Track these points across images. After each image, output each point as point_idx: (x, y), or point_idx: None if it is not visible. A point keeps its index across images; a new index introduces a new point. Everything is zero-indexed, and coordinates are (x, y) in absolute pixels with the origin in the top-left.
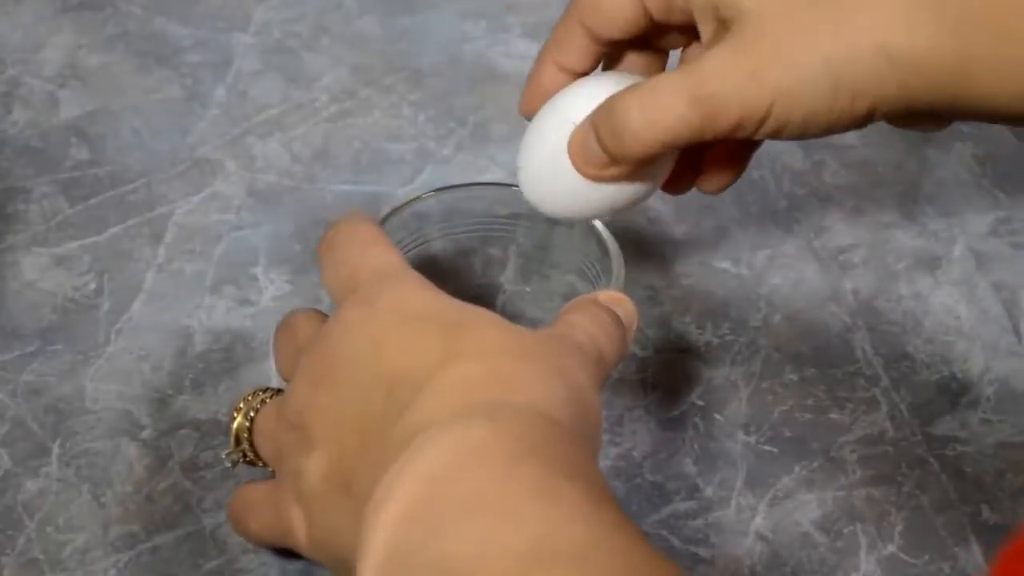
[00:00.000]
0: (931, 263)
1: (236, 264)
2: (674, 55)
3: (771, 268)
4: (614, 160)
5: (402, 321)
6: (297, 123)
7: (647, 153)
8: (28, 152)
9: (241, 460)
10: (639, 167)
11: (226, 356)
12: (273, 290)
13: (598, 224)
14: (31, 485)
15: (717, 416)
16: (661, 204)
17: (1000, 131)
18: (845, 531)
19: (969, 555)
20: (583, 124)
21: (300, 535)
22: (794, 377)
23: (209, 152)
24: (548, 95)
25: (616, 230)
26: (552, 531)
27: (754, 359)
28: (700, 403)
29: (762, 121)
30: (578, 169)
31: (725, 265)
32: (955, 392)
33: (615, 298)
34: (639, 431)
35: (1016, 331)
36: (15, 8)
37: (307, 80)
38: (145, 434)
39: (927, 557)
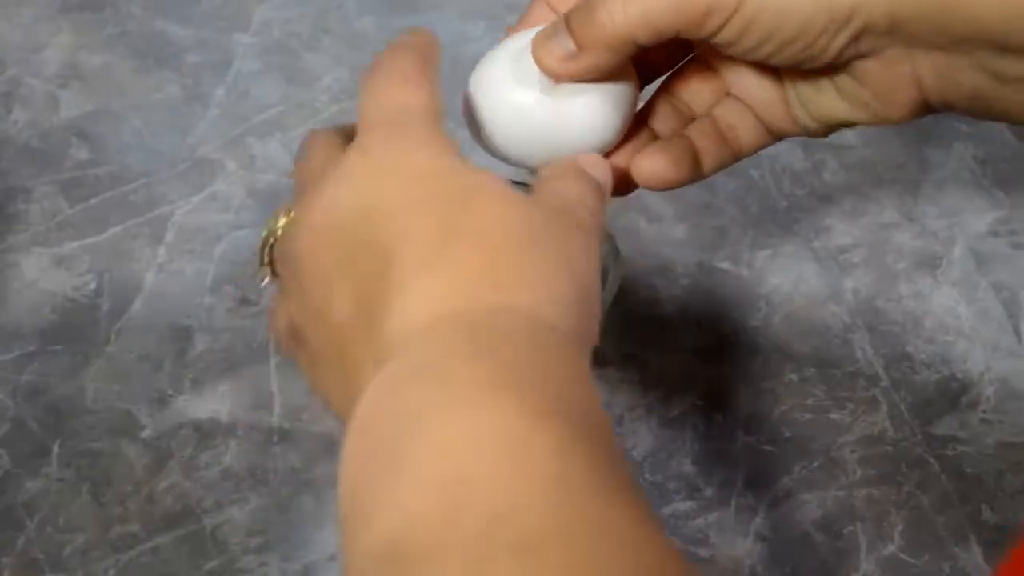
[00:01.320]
0: (931, 263)
1: (236, 264)
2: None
3: (771, 268)
4: (581, 46)
5: (402, 185)
6: (297, 123)
7: (616, 38)
8: (28, 152)
9: (270, 278)
10: (603, 70)
11: (226, 356)
12: (273, 290)
13: None
14: (31, 485)
15: (717, 416)
16: (661, 204)
17: (1000, 131)
18: (845, 531)
19: (969, 555)
20: (553, 22)
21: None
22: (794, 377)
23: (209, 152)
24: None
25: (616, 229)
26: (510, 507)
27: (754, 359)
28: (700, 403)
29: (733, 12)
30: (540, 62)
31: (725, 265)
32: (955, 392)
33: (594, 161)
34: (639, 431)
35: (1016, 331)
36: (15, 8)
37: (307, 80)
38: (145, 434)
39: (927, 557)
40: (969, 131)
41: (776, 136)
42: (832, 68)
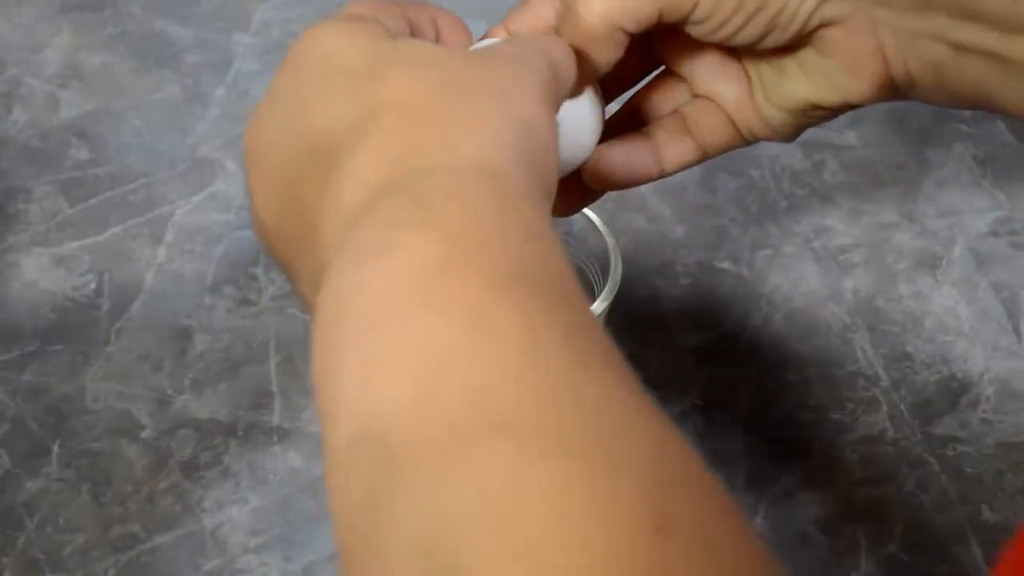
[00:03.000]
0: (931, 263)
1: (236, 264)
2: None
3: (771, 268)
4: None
5: (326, 75)
6: None
7: (601, 28)
8: (28, 152)
9: None
10: (598, 65)
11: (226, 356)
12: (273, 290)
13: (597, 222)
14: (31, 485)
15: (717, 416)
16: (661, 204)
17: (1000, 131)
18: (845, 531)
19: (969, 555)
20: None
21: None
22: (794, 377)
23: (209, 152)
24: (534, 15)
25: (616, 229)
26: (486, 385)
27: (754, 359)
28: (700, 403)
29: None
30: None
31: (725, 265)
32: (955, 392)
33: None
34: None
35: (1016, 331)
36: (15, 8)
37: None
38: (145, 434)
39: (927, 557)
40: (969, 131)
41: (744, 136)
42: (797, 41)
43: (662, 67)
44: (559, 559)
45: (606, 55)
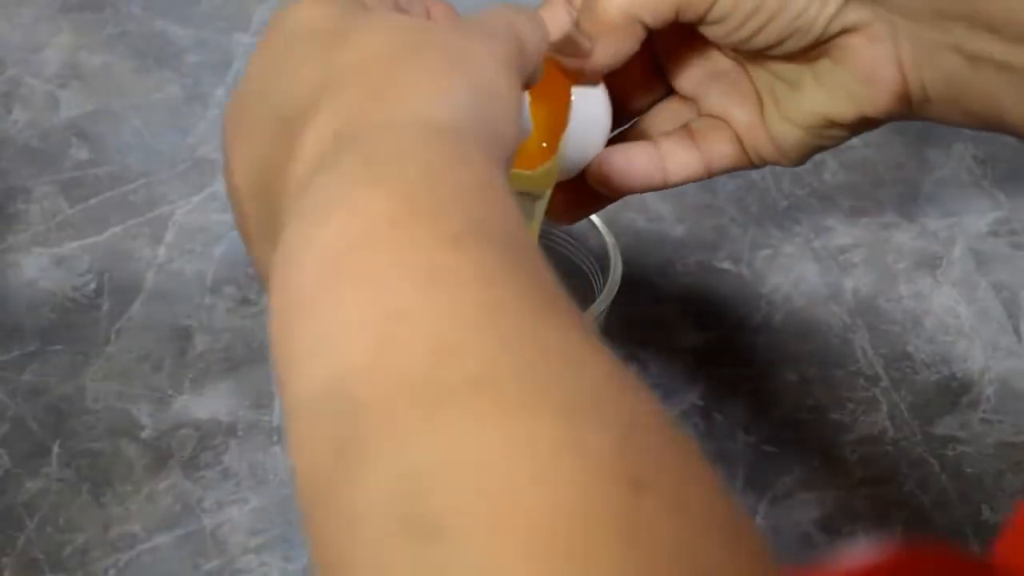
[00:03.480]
0: (931, 263)
1: (236, 264)
2: None
3: (771, 268)
4: (592, 38)
5: (297, 41)
6: None
7: (620, 17)
8: (28, 152)
9: None
10: (616, 55)
11: (226, 356)
12: None
13: (597, 222)
14: (31, 485)
15: (717, 416)
16: (661, 204)
17: None
18: (845, 531)
19: None
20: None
21: None
22: (794, 377)
23: (209, 152)
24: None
25: (616, 229)
26: (451, 340)
27: (754, 359)
28: (700, 403)
29: None
30: (560, 64)
31: (725, 265)
32: (955, 392)
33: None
34: None
35: (1016, 331)
36: (15, 8)
37: None
38: (145, 434)
39: None
40: (969, 131)
41: (751, 158)
42: (814, 50)
43: (670, 93)
44: (539, 519)
45: (622, 46)
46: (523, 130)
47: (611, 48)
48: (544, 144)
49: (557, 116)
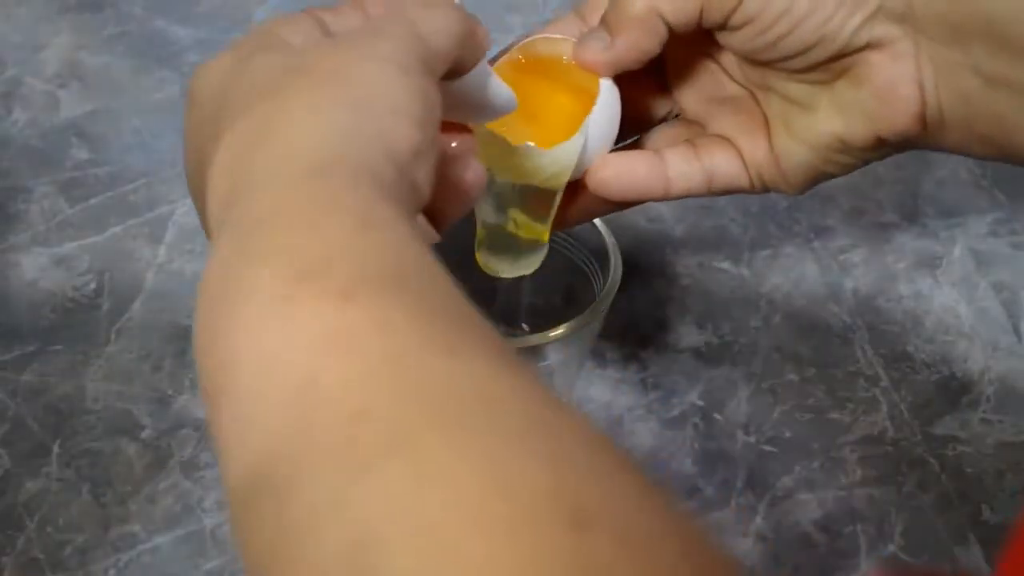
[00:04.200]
0: (931, 263)
1: None
2: None
3: (771, 268)
4: (614, 31)
5: (212, 79)
6: None
7: (643, 12)
8: (28, 152)
9: None
10: (639, 52)
11: None
12: None
13: (597, 222)
14: (31, 485)
15: (717, 416)
16: (661, 204)
17: None
18: (845, 531)
19: (969, 555)
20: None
21: None
22: (794, 377)
23: None
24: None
25: (616, 229)
26: (362, 404)
27: (754, 359)
28: (700, 403)
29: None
30: (582, 60)
31: (725, 265)
32: (955, 392)
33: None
34: (639, 431)
35: (1016, 331)
36: (15, 8)
37: None
38: (145, 434)
39: (927, 557)
40: None
41: (753, 181)
42: (836, 64)
43: (676, 116)
44: (483, 573)
45: (643, 41)
46: (498, 106)
47: (632, 42)
48: (563, 127)
49: (578, 111)
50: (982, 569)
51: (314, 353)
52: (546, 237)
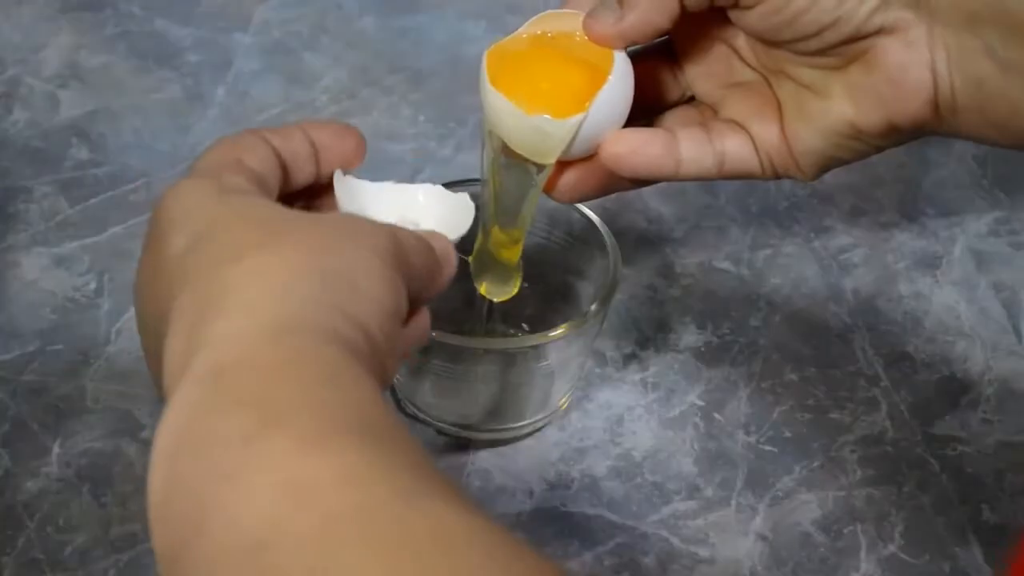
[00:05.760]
0: (931, 263)
1: None
2: None
3: (771, 268)
4: (626, 4)
5: (164, 232)
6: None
7: None
8: (28, 152)
9: None
10: (648, 26)
11: None
12: None
13: (597, 222)
14: (31, 485)
15: (717, 416)
16: (661, 204)
17: None
18: (845, 531)
19: (969, 555)
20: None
21: None
22: (794, 377)
23: None
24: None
25: (616, 229)
26: (316, 562)
27: (754, 359)
28: (700, 403)
29: None
30: (592, 33)
31: (725, 265)
32: (955, 392)
33: (439, 236)
34: (639, 431)
35: (1016, 331)
36: (15, 8)
37: (307, 80)
38: (145, 434)
39: (927, 557)
40: None
41: (764, 168)
42: (848, 47)
43: (689, 100)
44: None
45: (654, 16)
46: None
47: (643, 15)
48: (576, 103)
49: (591, 85)
50: (982, 569)
51: (273, 506)
52: (515, 257)
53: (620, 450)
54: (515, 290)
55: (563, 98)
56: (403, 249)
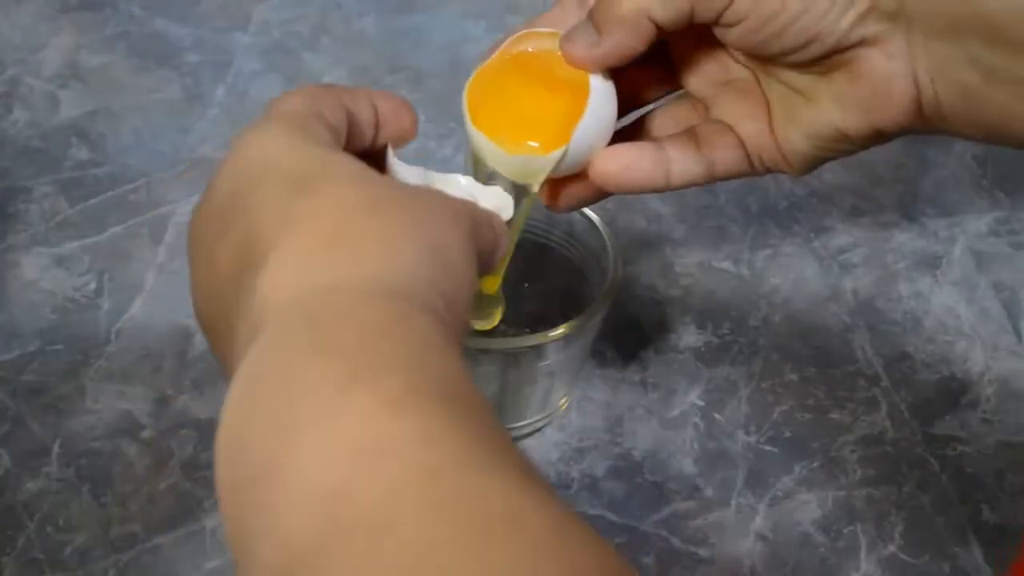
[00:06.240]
0: (931, 263)
1: None
2: None
3: (771, 268)
4: (601, 29)
5: (262, 179)
6: None
7: (631, 12)
8: (28, 152)
9: None
10: (624, 50)
11: None
12: None
13: (597, 222)
14: (31, 485)
15: (717, 416)
16: (661, 204)
17: None
18: (845, 531)
19: (969, 555)
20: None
21: None
22: (794, 377)
23: (209, 152)
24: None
25: (616, 229)
26: (387, 518)
27: (754, 359)
28: (700, 403)
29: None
30: (568, 55)
31: (725, 265)
32: (955, 392)
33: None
34: (639, 431)
35: (1016, 331)
36: (15, 8)
37: (307, 80)
38: (145, 434)
39: (927, 557)
40: None
41: (755, 165)
42: (831, 59)
43: (679, 92)
44: None
45: (629, 41)
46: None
47: (619, 42)
48: (558, 132)
49: (573, 107)
50: (982, 569)
51: (353, 458)
52: (495, 287)
53: (620, 450)
54: (496, 321)
55: (544, 130)
56: (479, 226)
